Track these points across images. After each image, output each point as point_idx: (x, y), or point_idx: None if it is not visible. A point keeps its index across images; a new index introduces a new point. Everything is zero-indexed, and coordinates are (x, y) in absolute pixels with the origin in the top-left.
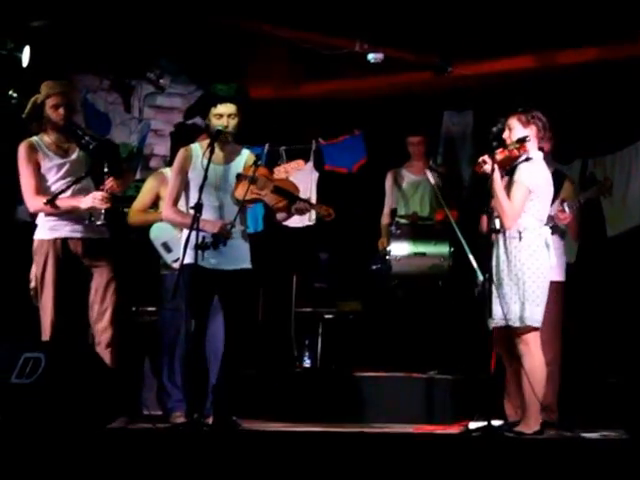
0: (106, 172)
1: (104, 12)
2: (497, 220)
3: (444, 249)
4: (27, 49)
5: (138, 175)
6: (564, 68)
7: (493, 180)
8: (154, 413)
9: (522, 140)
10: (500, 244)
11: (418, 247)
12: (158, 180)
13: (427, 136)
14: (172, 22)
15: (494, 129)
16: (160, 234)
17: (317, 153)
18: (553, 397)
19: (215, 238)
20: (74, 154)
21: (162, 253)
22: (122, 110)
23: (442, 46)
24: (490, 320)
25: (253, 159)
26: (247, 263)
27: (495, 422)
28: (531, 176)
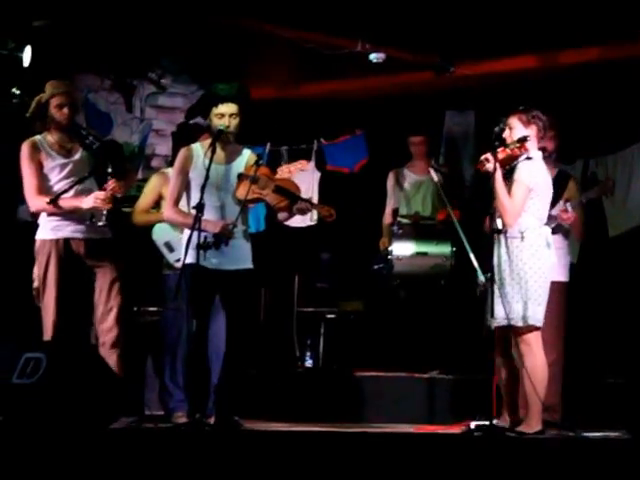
0: (109, 173)
1: (105, 12)
2: (499, 220)
3: (446, 249)
4: (28, 49)
5: (139, 175)
6: (566, 68)
7: (495, 179)
8: (156, 413)
9: (523, 139)
10: (502, 244)
11: (420, 247)
12: (161, 180)
13: (429, 136)
14: (173, 22)
15: (496, 129)
16: (163, 234)
17: (319, 153)
18: (556, 397)
19: (217, 238)
20: (77, 154)
21: (165, 253)
22: (124, 110)
23: (444, 46)
24: (492, 320)
25: (254, 159)
26: (249, 263)
27: (497, 422)
28: (531, 174)
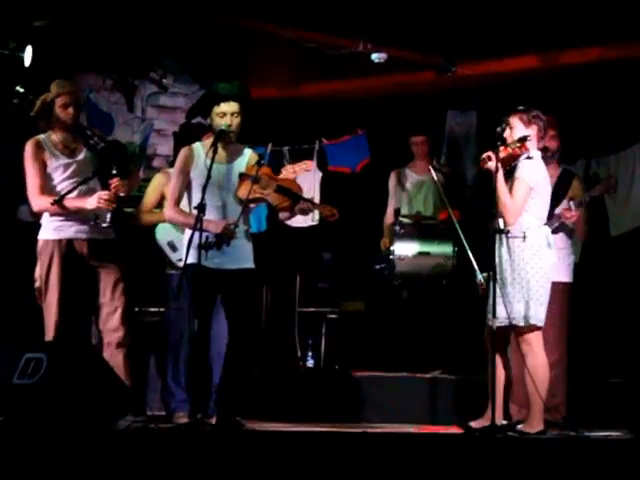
0: (114, 174)
1: (106, 11)
2: (500, 220)
3: (448, 249)
4: (29, 49)
5: (141, 175)
6: (568, 68)
7: (496, 177)
8: (157, 414)
9: (523, 139)
10: (503, 244)
11: (422, 247)
12: (163, 179)
13: (430, 136)
14: (175, 22)
15: (498, 129)
16: (166, 233)
17: (320, 153)
18: (560, 398)
19: (218, 238)
20: (81, 154)
21: (168, 252)
22: (125, 110)
23: (446, 46)
24: (494, 320)
25: (256, 158)
26: (250, 263)
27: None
28: (532, 173)
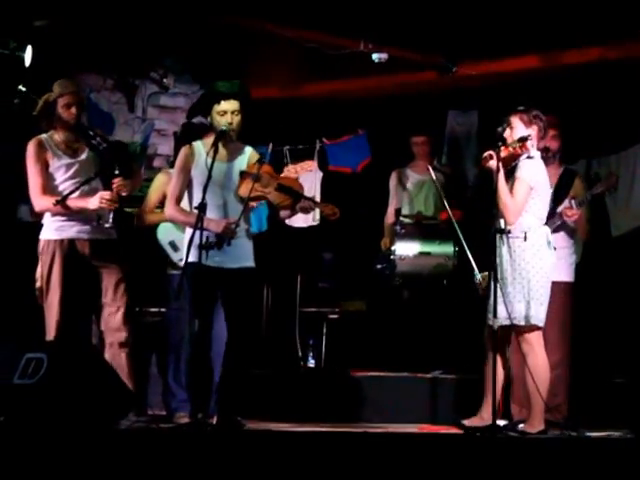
0: (117, 174)
1: (107, 11)
2: (502, 220)
3: (449, 248)
4: (29, 49)
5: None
6: (569, 68)
7: (497, 177)
8: (158, 413)
9: (524, 139)
10: (504, 244)
11: (423, 246)
12: (165, 179)
13: (431, 136)
14: (176, 22)
15: (499, 129)
16: (167, 233)
17: (321, 153)
18: (561, 398)
19: (219, 238)
20: (83, 154)
21: (169, 252)
22: (126, 110)
23: (447, 46)
24: (495, 320)
25: (257, 157)
26: (250, 262)
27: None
28: (533, 173)
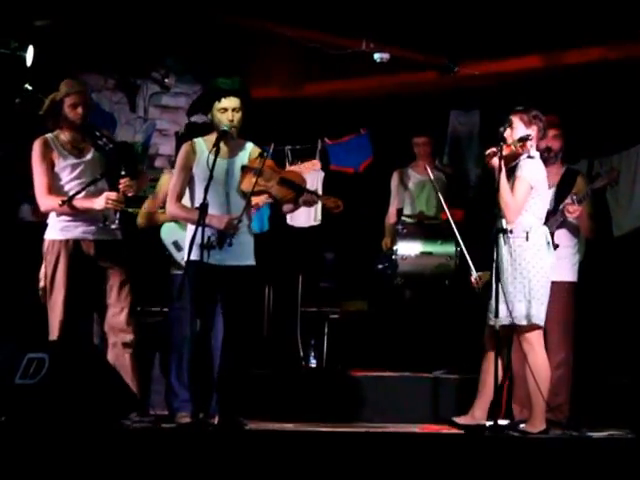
0: (123, 174)
1: (108, 11)
2: (503, 220)
3: (450, 248)
4: (31, 49)
5: None
6: (570, 68)
7: (499, 175)
8: (160, 413)
9: (524, 139)
10: (505, 243)
11: (424, 246)
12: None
13: (433, 136)
14: (177, 21)
15: (501, 129)
16: (171, 233)
17: (323, 153)
18: (564, 398)
19: (220, 236)
20: (89, 154)
21: (173, 252)
22: (127, 109)
23: (448, 46)
24: (496, 319)
25: (258, 151)
26: (251, 259)
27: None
28: (533, 172)
